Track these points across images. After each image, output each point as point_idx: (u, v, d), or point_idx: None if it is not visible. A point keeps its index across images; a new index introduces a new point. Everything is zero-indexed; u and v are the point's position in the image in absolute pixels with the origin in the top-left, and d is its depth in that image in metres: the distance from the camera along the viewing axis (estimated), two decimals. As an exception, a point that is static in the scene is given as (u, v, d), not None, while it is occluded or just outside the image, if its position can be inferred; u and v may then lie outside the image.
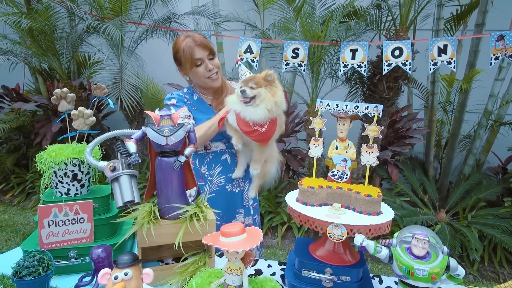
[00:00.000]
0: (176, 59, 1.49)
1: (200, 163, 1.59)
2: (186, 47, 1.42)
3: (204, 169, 1.58)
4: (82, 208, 1.24)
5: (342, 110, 1.14)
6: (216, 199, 1.58)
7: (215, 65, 1.47)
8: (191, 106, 1.55)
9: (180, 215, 1.18)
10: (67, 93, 1.29)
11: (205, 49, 1.44)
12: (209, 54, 1.45)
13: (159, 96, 5.13)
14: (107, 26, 2.99)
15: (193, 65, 1.44)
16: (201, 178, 1.59)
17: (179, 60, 1.47)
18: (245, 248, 0.86)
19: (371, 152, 1.11)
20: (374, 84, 2.89)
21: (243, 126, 1.32)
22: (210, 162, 1.57)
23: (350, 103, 1.12)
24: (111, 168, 1.04)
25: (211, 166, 1.57)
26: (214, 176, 1.58)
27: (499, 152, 4.18)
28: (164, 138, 1.13)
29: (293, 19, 2.75)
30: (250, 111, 1.30)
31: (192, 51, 1.41)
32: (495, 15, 3.49)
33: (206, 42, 1.46)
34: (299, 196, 1.12)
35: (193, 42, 1.42)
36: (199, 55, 1.42)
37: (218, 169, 1.58)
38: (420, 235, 0.93)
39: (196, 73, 1.45)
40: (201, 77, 1.46)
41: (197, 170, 1.59)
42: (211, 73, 1.46)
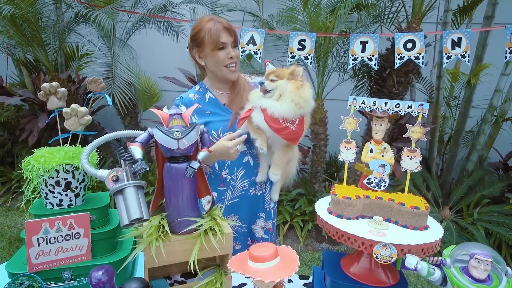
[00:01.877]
0: (195, 39, 1.36)
1: (220, 167, 1.44)
2: (213, 28, 1.31)
3: (225, 173, 1.45)
4: (77, 221, 1.07)
5: (380, 109, 1.00)
6: (239, 204, 1.47)
7: (236, 55, 1.36)
8: (203, 111, 1.40)
9: (194, 229, 1.03)
10: (57, 87, 1.11)
11: (231, 35, 1.35)
12: (233, 41, 1.36)
13: (152, 90, 4.91)
14: (98, 14, 2.76)
15: (216, 48, 1.32)
16: (222, 182, 1.46)
17: (201, 40, 1.34)
18: (282, 277, 0.72)
19: (413, 157, 0.98)
20: (383, 79, 2.77)
21: (273, 123, 1.20)
22: (231, 165, 1.43)
23: (390, 101, 0.98)
24: (113, 179, 0.88)
25: (233, 170, 1.44)
26: (237, 180, 1.45)
27: (500, 147, 4.13)
28: (175, 141, 0.97)
29: (300, 8, 2.58)
30: (276, 106, 1.18)
31: (219, 33, 1.31)
32: (503, 8, 3.39)
33: (233, 28, 1.37)
34: (332, 207, 0.98)
35: (221, 24, 1.33)
36: (225, 39, 1.33)
37: (241, 173, 1.45)
38: (482, 255, 0.80)
39: (216, 58, 1.34)
40: (220, 63, 1.35)
41: (217, 174, 1.45)
42: (231, 62, 1.35)
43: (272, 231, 1.58)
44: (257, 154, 1.45)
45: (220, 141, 1.27)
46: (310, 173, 3.64)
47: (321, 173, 3.60)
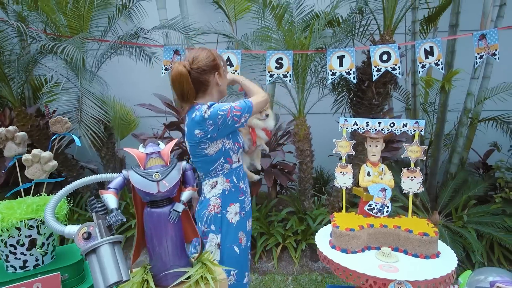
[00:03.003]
0: (213, 66, 1.56)
1: (238, 179, 1.59)
2: (216, 53, 1.58)
3: (242, 184, 1.61)
4: (46, 285, 0.92)
5: (374, 129, 0.94)
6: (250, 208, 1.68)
7: None
8: None
9: (183, 281, 0.90)
10: (14, 132, 0.98)
11: None
12: None
13: (128, 117, 4.76)
14: (65, 46, 2.63)
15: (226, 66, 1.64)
16: (241, 193, 1.60)
17: (218, 65, 1.57)
18: None
19: (413, 178, 0.91)
20: (362, 91, 2.78)
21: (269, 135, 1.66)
22: (244, 175, 1.64)
23: (384, 120, 0.92)
24: (84, 236, 0.75)
25: (245, 179, 1.66)
26: (247, 187, 1.68)
27: (478, 148, 4.26)
28: (154, 184, 0.86)
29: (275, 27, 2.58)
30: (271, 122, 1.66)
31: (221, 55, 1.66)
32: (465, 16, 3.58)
33: None
34: (335, 241, 0.89)
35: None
36: None
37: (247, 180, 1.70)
38: (503, 283, 0.73)
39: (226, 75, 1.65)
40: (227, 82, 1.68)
41: (237, 186, 1.58)
42: None
43: None
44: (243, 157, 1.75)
45: None
46: (299, 190, 3.56)
47: (309, 190, 3.53)
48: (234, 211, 1.59)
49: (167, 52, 2.79)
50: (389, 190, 0.93)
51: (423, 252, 0.84)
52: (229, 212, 1.58)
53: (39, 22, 3.24)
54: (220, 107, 1.45)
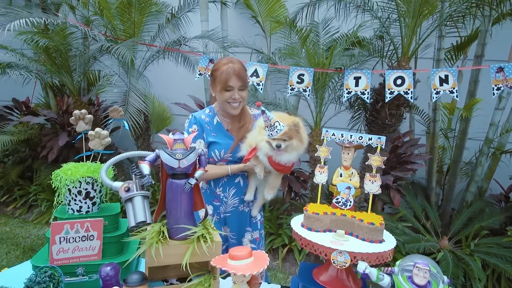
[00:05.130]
0: (212, 75, 1.65)
1: (216, 185, 1.70)
2: (225, 72, 1.57)
3: (219, 191, 1.70)
4: (93, 225, 1.28)
5: (347, 140, 1.20)
6: (231, 219, 1.71)
7: (242, 96, 1.62)
8: (210, 132, 1.67)
9: (188, 236, 1.22)
10: (85, 114, 1.36)
11: (239, 80, 1.59)
12: (241, 85, 1.60)
13: (164, 114, 5.25)
14: (118, 47, 3.13)
15: (223, 89, 1.59)
16: (217, 198, 1.71)
17: (214, 78, 1.62)
18: (252, 271, 0.90)
19: (374, 181, 1.16)
20: (377, 111, 2.97)
21: (276, 166, 1.49)
22: (224, 184, 1.69)
23: (355, 134, 1.18)
24: (125, 189, 1.09)
25: (226, 188, 1.69)
26: (229, 197, 1.70)
27: (501, 180, 4.19)
28: (176, 161, 1.19)
29: (299, 46, 2.87)
30: (284, 157, 1.46)
31: (228, 78, 1.57)
32: (494, 47, 3.62)
33: (243, 74, 1.62)
34: (304, 222, 1.16)
35: (233, 70, 1.57)
36: (232, 83, 1.58)
37: (232, 191, 1.70)
38: (421, 264, 0.96)
39: (222, 95, 1.61)
40: (224, 100, 1.61)
41: (213, 190, 1.70)
42: (234, 101, 1.61)
43: (259, 240, 1.80)
44: (247, 176, 1.69)
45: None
46: (310, 198, 3.78)
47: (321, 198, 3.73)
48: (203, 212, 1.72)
49: (203, 60, 3.18)
50: (352, 189, 1.17)
51: (370, 237, 1.08)
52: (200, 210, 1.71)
53: (101, 26, 3.80)
54: (185, 130, 1.61)
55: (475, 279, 3.08)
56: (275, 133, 1.38)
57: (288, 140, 1.43)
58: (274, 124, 1.39)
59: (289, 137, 1.42)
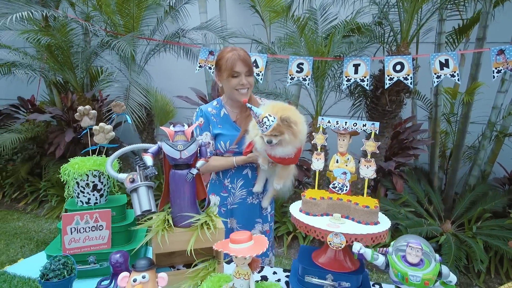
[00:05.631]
0: (217, 65, 1.64)
1: (224, 176, 1.72)
2: (230, 58, 1.55)
3: (227, 182, 1.71)
4: (101, 216, 1.34)
5: (342, 127, 1.23)
6: (238, 210, 1.72)
7: (249, 81, 1.61)
8: (216, 124, 1.68)
9: (192, 223, 1.27)
10: (89, 110, 1.41)
11: (245, 66, 1.58)
12: (247, 71, 1.59)
13: (167, 107, 5.29)
14: (118, 42, 3.15)
15: (230, 75, 1.57)
16: (225, 189, 1.72)
17: (220, 67, 1.61)
18: (252, 254, 0.95)
19: (369, 166, 1.20)
20: (377, 97, 2.98)
21: (273, 159, 1.47)
22: (232, 175, 1.70)
23: (349, 121, 1.22)
24: (130, 180, 1.15)
25: (233, 180, 1.70)
26: (237, 189, 1.71)
27: (505, 163, 4.19)
28: (178, 152, 1.24)
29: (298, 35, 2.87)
30: (278, 150, 1.42)
31: (234, 63, 1.55)
32: (496, 28, 3.57)
33: (248, 59, 1.61)
34: (302, 207, 1.21)
35: (238, 56, 1.56)
36: (238, 69, 1.56)
37: (240, 183, 1.70)
38: (414, 244, 1.00)
39: (229, 83, 1.59)
40: (232, 87, 1.60)
41: (221, 181, 1.72)
42: (242, 87, 1.60)
43: (269, 232, 1.82)
44: (256, 168, 1.70)
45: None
46: (313, 186, 3.83)
47: (323, 185, 3.78)
48: (213, 202, 1.73)
49: (203, 52, 3.20)
50: (348, 174, 1.21)
51: (365, 219, 1.12)
52: (211, 199, 1.72)
53: (101, 22, 3.83)
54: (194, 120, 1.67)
55: (477, 261, 3.13)
56: (265, 129, 1.35)
57: (280, 135, 1.37)
58: (262, 120, 1.35)
59: (279, 132, 1.37)
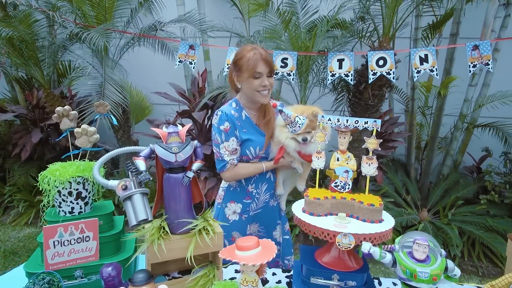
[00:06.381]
0: (237, 65, 1.54)
1: (247, 182, 1.64)
2: (252, 58, 1.47)
3: (251, 188, 1.65)
4: (87, 226, 1.23)
5: (343, 125, 1.21)
6: (261, 214, 1.68)
7: (270, 82, 1.53)
8: (242, 128, 1.59)
9: (190, 229, 1.20)
10: (69, 111, 1.28)
11: (267, 66, 1.50)
12: (269, 71, 1.51)
13: (143, 104, 5.07)
14: (90, 34, 2.94)
15: (251, 76, 1.49)
16: (248, 196, 1.65)
17: (240, 67, 1.51)
18: (262, 261, 0.90)
19: (371, 163, 1.18)
20: (360, 92, 3.02)
21: (307, 158, 1.47)
22: (257, 180, 1.64)
23: (351, 118, 1.19)
24: (122, 187, 1.05)
25: (258, 185, 1.65)
26: (262, 193, 1.66)
27: (474, 152, 4.44)
28: (173, 155, 1.15)
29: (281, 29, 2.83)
30: (312, 147, 1.43)
31: (256, 64, 1.47)
32: (468, 24, 3.74)
33: (270, 59, 1.53)
34: (305, 207, 1.18)
35: (260, 55, 1.48)
36: (261, 69, 1.49)
37: (264, 187, 1.66)
38: (421, 241, 1.00)
39: (251, 84, 1.51)
40: (253, 89, 1.51)
41: (244, 188, 1.65)
42: (264, 89, 1.52)
43: (288, 230, 1.82)
44: (275, 171, 1.67)
45: None
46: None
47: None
48: (233, 210, 1.65)
49: (183, 46, 3.07)
50: (350, 172, 1.20)
51: (370, 218, 1.11)
52: (228, 208, 1.65)
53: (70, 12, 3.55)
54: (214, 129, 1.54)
55: (453, 246, 3.31)
56: (298, 128, 1.37)
57: (312, 131, 1.41)
58: (294, 120, 1.38)
59: (312, 128, 1.41)
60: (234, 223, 1.66)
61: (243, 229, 1.67)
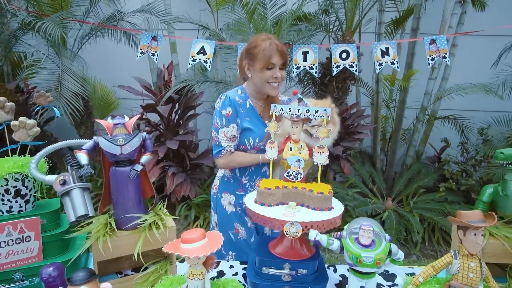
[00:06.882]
0: (250, 53, 1.48)
1: (241, 173, 1.62)
2: (268, 48, 1.44)
3: (245, 180, 1.62)
4: (27, 226, 1.15)
5: (295, 114, 1.21)
6: None
7: (282, 75, 1.50)
8: (244, 116, 1.54)
9: (138, 224, 1.16)
10: (4, 102, 1.19)
11: (282, 58, 1.47)
12: (282, 63, 1.49)
13: (108, 98, 4.86)
14: (44, 23, 2.75)
15: (264, 67, 1.46)
16: (241, 188, 1.63)
17: (254, 56, 1.47)
18: (206, 253, 0.89)
19: (322, 152, 1.20)
20: (325, 85, 3.07)
21: None
22: (251, 173, 1.62)
23: (302, 107, 1.20)
24: (60, 182, 0.99)
25: (252, 177, 1.63)
26: (255, 187, 1.60)
27: (434, 143, 4.67)
28: (118, 148, 1.10)
29: (246, 21, 2.80)
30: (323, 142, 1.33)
31: (271, 54, 1.44)
32: (428, 20, 3.90)
33: (285, 51, 1.49)
34: (257, 197, 1.17)
35: (276, 46, 1.45)
36: (275, 61, 1.46)
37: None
38: (366, 226, 1.03)
39: (262, 74, 1.47)
40: (264, 79, 1.48)
41: (237, 179, 1.62)
42: (275, 81, 1.49)
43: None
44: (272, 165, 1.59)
45: None
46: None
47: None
48: (228, 201, 1.64)
49: (146, 37, 2.96)
50: (302, 161, 1.21)
51: (319, 206, 1.12)
52: (224, 198, 1.64)
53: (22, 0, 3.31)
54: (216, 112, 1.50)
55: (414, 232, 3.47)
56: (314, 120, 1.27)
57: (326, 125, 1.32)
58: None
59: (326, 122, 1.31)
60: (233, 214, 1.64)
61: (242, 221, 1.64)
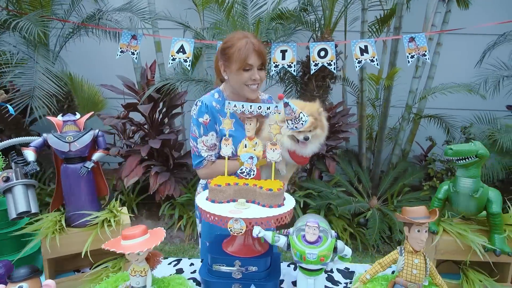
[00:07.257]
0: (224, 54, 1.38)
1: None
2: (244, 48, 1.33)
3: None
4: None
5: (247, 111, 1.21)
6: None
7: (261, 76, 1.41)
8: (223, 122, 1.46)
9: (89, 222, 1.16)
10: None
11: (260, 58, 1.37)
12: (261, 64, 1.39)
13: (95, 98, 4.84)
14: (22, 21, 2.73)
15: (241, 68, 1.36)
16: None
17: (229, 56, 1.36)
18: (142, 249, 0.89)
19: (275, 149, 1.20)
20: (305, 83, 3.07)
21: (298, 159, 1.35)
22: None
23: (254, 104, 1.20)
24: (3, 179, 0.99)
25: None
26: None
27: (421, 142, 4.69)
28: (66, 145, 1.10)
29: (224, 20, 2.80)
30: (309, 148, 1.32)
31: (248, 55, 1.34)
32: (411, 18, 3.91)
33: (263, 50, 1.40)
34: (208, 195, 1.17)
35: (252, 46, 1.34)
36: (252, 61, 1.36)
37: None
38: (311, 222, 1.03)
39: (239, 76, 1.38)
40: (242, 82, 1.39)
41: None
42: (254, 83, 1.40)
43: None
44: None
45: None
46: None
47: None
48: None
49: (125, 36, 2.95)
50: (255, 158, 1.21)
51: (269, 203, 1.12)
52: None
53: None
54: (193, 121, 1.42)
55: (397, 231, 3.49)
56: (301, 125, 1.22)
57: (313, 130, 1.29)
58: (299, 115, 1.22)
59: (314, 126, 1.28)
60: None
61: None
